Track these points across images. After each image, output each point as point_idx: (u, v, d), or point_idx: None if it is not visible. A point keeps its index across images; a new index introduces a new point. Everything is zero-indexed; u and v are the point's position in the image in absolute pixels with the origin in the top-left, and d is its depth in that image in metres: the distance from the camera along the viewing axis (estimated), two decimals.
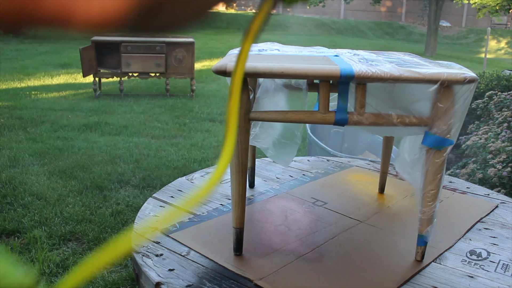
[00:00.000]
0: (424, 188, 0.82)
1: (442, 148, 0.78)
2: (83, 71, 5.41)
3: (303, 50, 0.99)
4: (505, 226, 1.04)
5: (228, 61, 0.76)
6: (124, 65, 5.58)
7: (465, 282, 0.80)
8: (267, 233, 0.94)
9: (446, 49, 15.28)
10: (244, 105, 0.77)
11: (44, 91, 5.98)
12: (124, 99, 5.83)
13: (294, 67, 0.73)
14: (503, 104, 3.24)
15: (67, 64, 8.28)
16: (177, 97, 6.04)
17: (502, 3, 9.61)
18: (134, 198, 2.89)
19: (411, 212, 1.07)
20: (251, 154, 1.16)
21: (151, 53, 5.59)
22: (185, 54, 5.68)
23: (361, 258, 0.86)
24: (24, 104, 5.16)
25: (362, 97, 0.77)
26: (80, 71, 6.43)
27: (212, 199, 1.11)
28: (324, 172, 1.33)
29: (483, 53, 11.94)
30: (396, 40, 16.55)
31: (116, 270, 2.12)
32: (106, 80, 6.65)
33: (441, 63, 0.85)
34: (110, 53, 5.74)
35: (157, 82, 6.87)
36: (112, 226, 2.49)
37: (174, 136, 4.38)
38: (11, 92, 5.79)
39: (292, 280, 0.77)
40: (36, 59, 8.57)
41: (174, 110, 5.36)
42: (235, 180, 0.81)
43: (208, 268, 0.80)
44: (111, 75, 5.74)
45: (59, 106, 5.19)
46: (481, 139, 2.64)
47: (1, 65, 7.64)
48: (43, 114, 4.84)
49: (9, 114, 4.74)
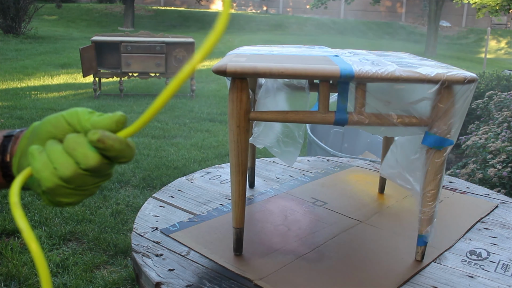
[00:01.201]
0: (424, 188, 0.82)
1: (442, 148, 0.79)
2: (83, 71, 5.41)
3: (303, 50, 0.99)
4: (505, 226, 1.04)
5: (228, 61, 0.76)
6: (124, 65, 5.58)
7: (465, 282, 0.80)
8: (267, 233, 0.94)
9: (446, 49, 15.28)
10: (244, 105, 0.77)
11: (44, 91, 5.98)
12: (124, 99, 5.83)
13: (294, 67, 0.73)
14: (503, 104, 3.24)
15: (67, 64, 8.28)
16: (177, 97, 6.03)
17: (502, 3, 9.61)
18: (134, 198, 2.89)
19: (411, 212, 1.07)
20: (251, 154, 1.17)
21: (151, 53, 5.59)
22: (185, 54, 5.68)
23: (361, 258, 0.86)
24: (24, 104, 5.16)
25: (362, 97, 0.77)
26: (80, 71, 6.44)
27: (212, 199, 1.11)
28: (324, 172, 1.33)
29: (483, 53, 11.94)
30: (396, 40, 16.56)
31: (116, 270, 2.12)
32: (106, 80, 6.65)
33: (441, 64, 0.85)
34: (110, 53, 5.74)
35: (157, 82, 6.87)
36: (112, 226, 2.49)
37: (174, 136, 4.38)
38: (11, 92, 5.79)
39: (292, 280, 0.77)
40: (36, 59, 8.57)
41: (174, 110, 5.36)
42: (235, 180, 0.81)
43: (208, 268, 0.80)
44: (111, 75, 5.74)
45: (59, 106, 5.19)
46: (481, 139, 2.64)
47: (1, 65, 7.64)
48: (43, 114, 4.84)
49: (9, 114, 4.74)
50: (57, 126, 0.47)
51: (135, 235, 0.91)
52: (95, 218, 2.59)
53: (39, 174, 0.45)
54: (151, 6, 20.40)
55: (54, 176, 0.45)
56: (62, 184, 0.45)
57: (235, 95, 0.76)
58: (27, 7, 11.62)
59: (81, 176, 0.45)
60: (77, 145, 0.44)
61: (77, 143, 0.45)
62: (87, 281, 2.02)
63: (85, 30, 14.47)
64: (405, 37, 17.42)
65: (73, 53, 9.31)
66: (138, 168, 3.44)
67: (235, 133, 0.78)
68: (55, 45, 10.50)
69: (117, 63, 5.73)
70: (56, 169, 0.45)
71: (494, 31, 17.74)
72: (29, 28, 11.80)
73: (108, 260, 2.21)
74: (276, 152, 1.07)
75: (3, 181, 0.53)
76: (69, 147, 0.45)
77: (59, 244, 2.32)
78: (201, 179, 1.24)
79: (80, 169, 0.45)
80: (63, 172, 0.45)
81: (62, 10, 16.76)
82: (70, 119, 0.47)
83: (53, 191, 0.46)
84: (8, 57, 8.61)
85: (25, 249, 2.24)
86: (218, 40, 0.44)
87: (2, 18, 11.30)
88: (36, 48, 10.00)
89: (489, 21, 19.50)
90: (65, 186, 0.46)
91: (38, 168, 0.45)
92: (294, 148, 1.06)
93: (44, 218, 2.55)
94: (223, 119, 4.99)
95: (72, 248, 2.29)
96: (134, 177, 3.26)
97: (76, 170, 0.45)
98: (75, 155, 0.44)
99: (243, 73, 0.73)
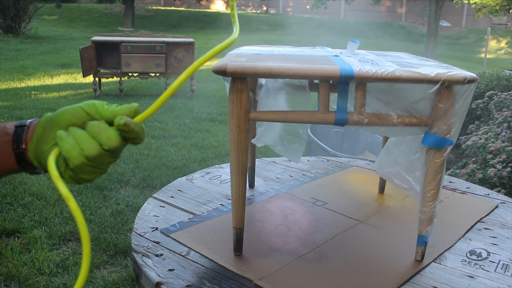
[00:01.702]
0: (424, 188, 0.82)
1: (442, 148, 0.78)
2: (83, 71, 5.41)
3: (303, 50, 0.99)
4: (505, 226, 1.04)
5: (228, 61, 0.76)
6: (124, 65, 5.58)
7: (465, 282, 0.80)
8: (267, 233, 0.94)
9: (446, 49, 15.28)
10: (244, 105, 0.77)
11: (44, 91, 5.98)
12: (124, 99, 5.83)
13: (294, 67, 0.73)
14: (503, 104, 3.24)
15: (67, 64, 8.27)
16: (177, 97, 6.03)
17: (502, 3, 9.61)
18: (134, 198, 2.89)
19: (411, 212, 1.07)
20: (251, 154, 1.17)
21: (151, 53, 5.59)
22: (185, 54, 5.68)
23: (361, 258, 0.86)
24: (24, 104, 5.16)
25: (362, 97, 0.77)
26: (80, 71, 6.44)
27: (212, 199, 1.11)
28: (324, 172, 1.33)
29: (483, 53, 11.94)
30: (396, 40, 16.56)
31: (116, 270, 2.12)
32: (106, 80, 6.65)
33: (442, 65, 0.85)
34: (110, 53, 5.74)
35: (157, 82, 6.87)
36: (112, 226, 2.49)
37: (174, 136, 4.37)
38: (11, 92, 5.79)
39: (292, 280, 0.77)
40: (36, 59, 8.57)
41: (174, 110, 5.36)
42: (235, 180, 0.81)
43: (208, 268, 0.80)
44: (111, 75, 5.73)
45: (59, 106, 5.19)
46: (481, 139, 2.64)
47: (1, 65, 7.64)
48: (43, 114, 4.83)
49: (9, 114, 4.74)
50: (76, 115, 0.57)
51: (135, 235, 0.91)
52: (95, 218, 2.59)
53: (69, 154, 0.54)
54: (151, 6, 20.40)
55: (81, 156, 0.54)
56: (87, 162, 0.55)
57: (235, 95, 0.76)
58: (27, 7, 11.62)
59: (103, 156, 0.55)
60: (101, 130, 0.55)
61: (100, 128, 0.55)
62: (87, 281, 2.02)
63: (85, 30, 14.47)
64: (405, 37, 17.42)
65: (73, 53, 9.31)
66: (138, 168, 3.44)
67: (235, 133, 0.78)
68: (55, 45, 10.50)
69: (117, 63, 5.73)
70: (83, 149, 0.54)
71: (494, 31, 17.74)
72: (29, 28, 11.80)
73: (108, 260, 2.21)
74: (280, 151, 1.07)
75: (17, 166, 0.61)
76: (94, 131, 0.55)
77: (59, 244, 2.32)
78: (201, 179, 1.24)
79: (103, 150, 0.55)
80: (89, 152, 0.54)
81: (62, 10, 16.76)
82: (88, 109, 0.57)
83: (79, 168, 0.55)
84: (8, 57, 8.61)
85: (25, 249, 2.24)
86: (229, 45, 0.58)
87: (2, 18, 11.30)
88: (36, 48, 10.00)
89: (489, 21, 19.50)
90: (89, 165, 0.55)
91: (67, 149, 0.54)
92: (298, 145, 1.05)
93: (44, 218, 2.55)
94: (223, 119, 4.98)
95: (72, 248, 2.29)
96: (134, 177, 3.26)
97: (100, 151, 0.55)
98: (100, 138, 0.55)
99: (243, 73, 0.73)
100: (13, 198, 2.81)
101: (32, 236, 2.34)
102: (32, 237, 2.34)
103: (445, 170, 0.83)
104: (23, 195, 2.85)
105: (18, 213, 2.61)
